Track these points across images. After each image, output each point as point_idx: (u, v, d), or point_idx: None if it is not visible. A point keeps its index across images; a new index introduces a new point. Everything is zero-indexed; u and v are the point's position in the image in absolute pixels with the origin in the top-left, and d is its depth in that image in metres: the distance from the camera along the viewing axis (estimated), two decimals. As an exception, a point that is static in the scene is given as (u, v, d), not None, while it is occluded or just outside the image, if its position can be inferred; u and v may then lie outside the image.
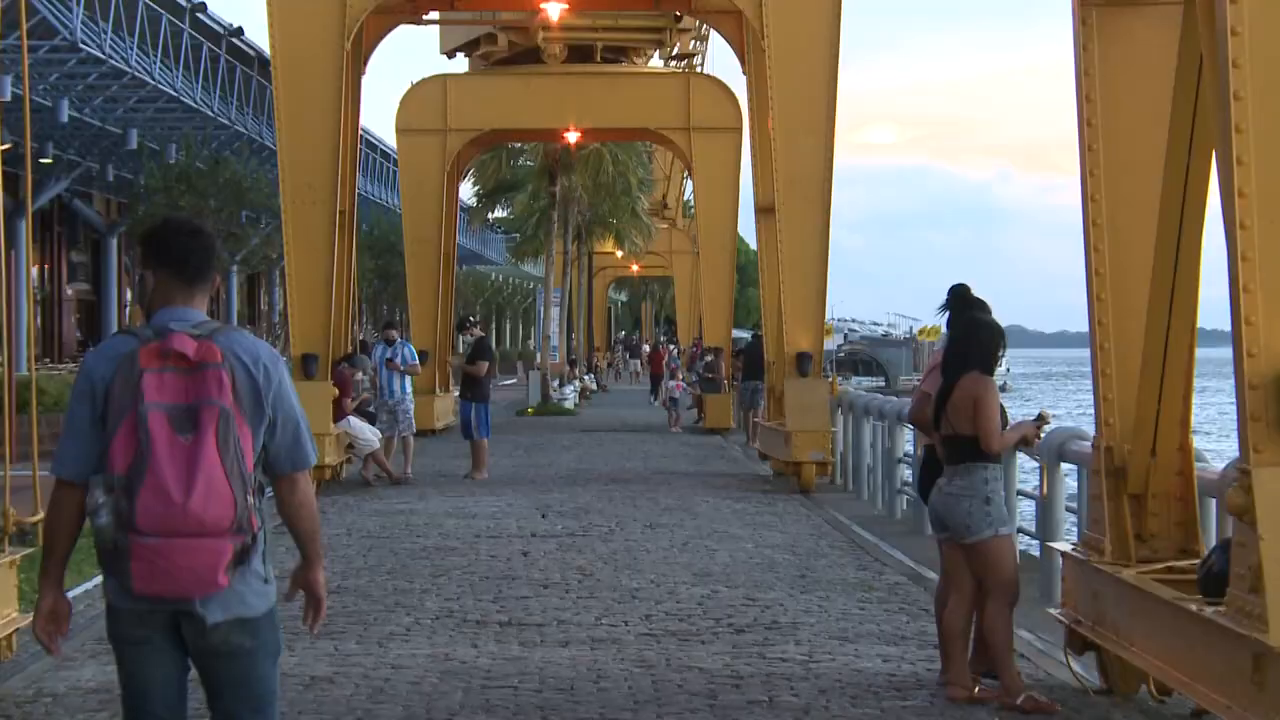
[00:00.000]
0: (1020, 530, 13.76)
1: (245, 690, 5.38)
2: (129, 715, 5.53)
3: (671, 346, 61.24)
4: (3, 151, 9.76)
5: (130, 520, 5.09)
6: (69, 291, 51.58)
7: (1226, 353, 7.56)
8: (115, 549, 5.17)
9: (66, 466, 5.31)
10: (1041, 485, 13.28)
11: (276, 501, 5.46)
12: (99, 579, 14.14)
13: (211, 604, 5.21)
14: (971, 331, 9.53)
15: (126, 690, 5.51)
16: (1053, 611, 10.48)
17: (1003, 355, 9.75)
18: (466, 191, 51.08)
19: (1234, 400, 7.40)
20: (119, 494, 5.12)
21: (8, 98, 19.03)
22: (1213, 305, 8.69)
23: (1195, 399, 9.37)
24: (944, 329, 10.30)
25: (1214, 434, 47.76)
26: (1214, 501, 9.72)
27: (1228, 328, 7.51)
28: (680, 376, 37.96)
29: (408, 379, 24.24)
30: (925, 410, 9.77)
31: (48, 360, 42.85)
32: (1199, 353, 9.19)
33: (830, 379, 25.55)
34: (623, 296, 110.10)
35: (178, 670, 5.40)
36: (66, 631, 5.64)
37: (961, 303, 9.92)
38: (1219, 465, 9.82)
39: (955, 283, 10.07)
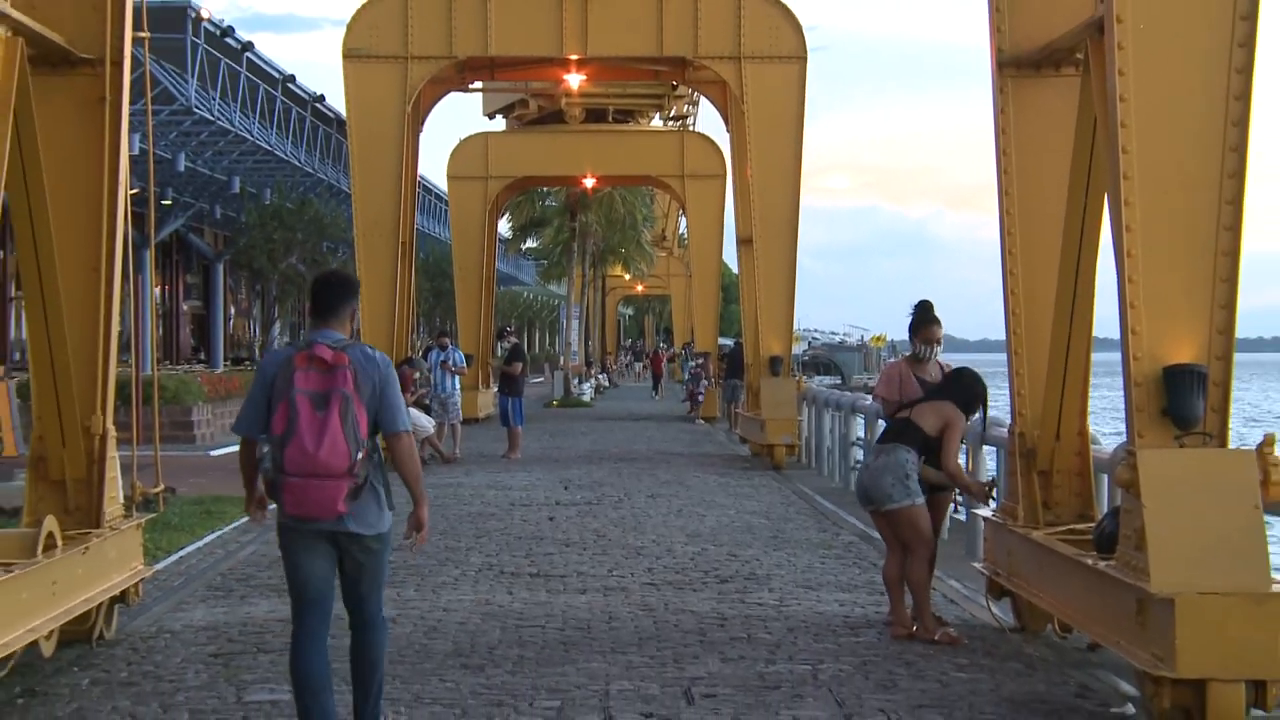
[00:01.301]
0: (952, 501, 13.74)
1: (373, 573, 6.63)
2: (293, 593, 6.66)
3: (683, 353, 60.34)
4: (131, 195, 9.76)
5: (282, 465, 6.33)
6: (184, 307, 51.62)
7: (1115, 356, 7.56)
8: (273, 484, 6.40)
9: (244, 427, 6.63)
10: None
11: (390, 453, 6.64)
12: (210, 538, 14.22)
13: (360, 524, 6.45)
14: (972, 379, 9.55)
15: (290, 578, 6.65)
16: (976, 565, 10.49)
17: (979, 408, 9.66)
18: (504, 226, 51.09)
19: (1122, 395, 7.42)
20: (275, 448, 6.37)
21: (135, 152, 18.96)
22: (1104, 318, 8.70)
23: (1091, 393, 9.36)
24: (907, 334, 10.19)
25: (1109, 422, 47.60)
26: (1106, 476, 9.71)
27: (1117, 336, 7.53)
28: (702, 380, 37.23)
29: (457, 377, 24.26)
30: (891, 409, 9.80)
31: (167, 363, 42.83)
32: (1094, 356, 9.19)
33: (797, 378, 25.52)
34: (629, 311, 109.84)
35: (319, 566, 6.55)
36: (265, 508, 6.68)
37: (923, 313, 9.91)
38: (1110, 447, 9.82)
39: (922, 299, 10.05)
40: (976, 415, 9.76)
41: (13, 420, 21.27)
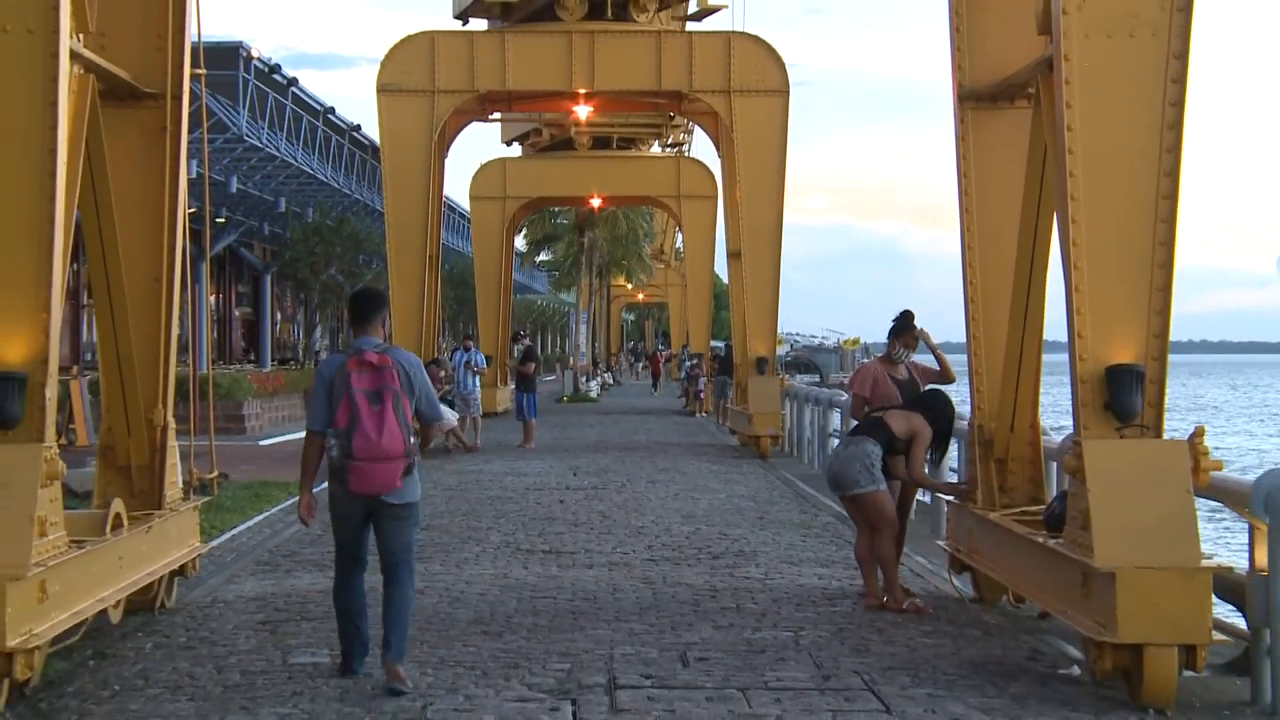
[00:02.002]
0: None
1: (403, 540, 7.23)
2: (338, 547, 7.34)
3: (680, 354, 59.86)
4: (189, 214, 9.76)
5: (349, 451, 6.93)
6: (236, 313, 51.48)
7: (1063, 357, 7.56)
8: (340, 468, 7.00)
9: (315, 423, 7.15)
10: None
11: (421, 437, 7.42)
12: (259, 518, 14.20)
13: (394, 496, 7.06)
14: (946, 404, 9.54)
15: (338, 538, 7.33)
16: (940, 543, 10.50)
17: (949, 425, 9.61)
18: (520, 241, 51.04)
19: (1069, 391, 7.42)
20: (343, 438, 6.95)
21: (193, 175, 19.03)
22: (1053, 322, 8.70)
23: (1041, 390, 9.36)
24: (888, 336, 10.09)
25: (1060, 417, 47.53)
26: (1055, 464, 9.69)
27: (1064, 339, 7.53)
28: (701, 381, 36.95)
29: (478, 376, 24.28)
30: (866, 406, 9.78)
31: (220, 363, 42.72)
32: (1044, 357, 9.18)
33: (780, 376, 25.48)
34: (631, 316, 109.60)
35: (363, 530, 7.25)
36: (315, 514, 7.32)
37: (905, 322, 9.91)
38: (1058, 438, 9.81)
39: (905, 308, 10.03)
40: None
41: (85, 413, 21.37)
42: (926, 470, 9.94)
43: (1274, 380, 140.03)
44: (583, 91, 24.73)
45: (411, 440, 7.04)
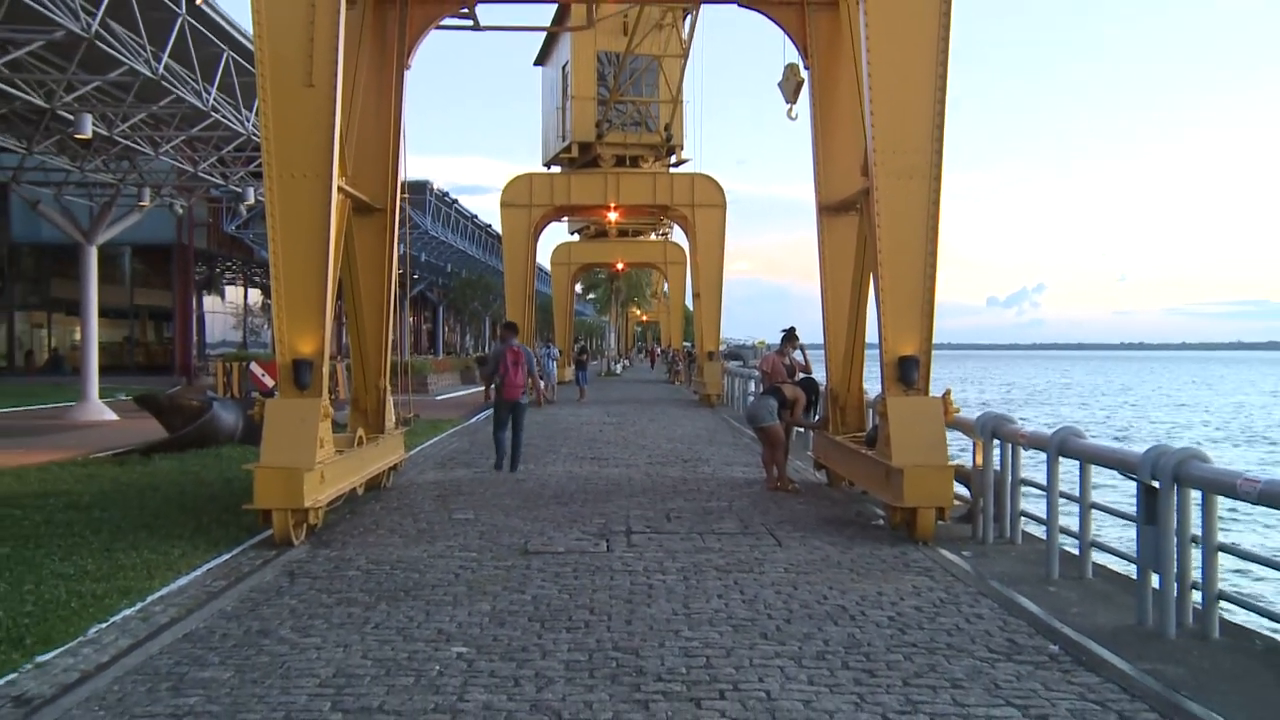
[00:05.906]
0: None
1: (522, 419, 9.84)
2: (496, 421, 9.78)
3: (667, 349, 59.36)
4: (398, 274, 9.84)
5: (503, 382, 9.49)
6: (424, 327, 51.60)
7: (876, 350, 7.57)
8: (499, 388, 9.55)
9: (488, 369, 9.65)
10: (806, 409, 13.16)
11: (532, 379, 9.66)
12: (435, 439, 14.04)
13: (521, 400, 9.63)
14: (814, 385, 9.48)
15: (495, 420, 9.82)
16: (809, 453, 10.49)
17: (815, 398, 9.46)
18: (578, 287, 50.84)
19: (879, 370, 7.45)
20: (499, 377, 9.47)
21: (401, 254, 19.19)
22: (871, 331, 8.68)
23: (864, 370, 9.37)
24: (780, 340, 9.97)
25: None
26: (872, 410, 9.70)
27: (877, 340, 7.52)
28: (680, 363, 36.66)
29: (554, 361, 24.31)
30: (769, 379, 9.77)
31: (415, 353, 42.87)
32: (866, 351, 9.18)
33: (721, 362, 25.43)
34: (639, 329, 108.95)
35: (507, 415, 9.76)
36: (489, 399, 9.91)
37: (791, 333, 9.89)
38: (873, 395, 9.83)
39: (789, 325, 10.04)
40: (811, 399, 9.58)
41: (344, 381, 21.36)
42: (803, 417, 9.93)
43: (982, 365, 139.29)
44: (612, 204, 24.74)
45: (526, 381, 9.55)
